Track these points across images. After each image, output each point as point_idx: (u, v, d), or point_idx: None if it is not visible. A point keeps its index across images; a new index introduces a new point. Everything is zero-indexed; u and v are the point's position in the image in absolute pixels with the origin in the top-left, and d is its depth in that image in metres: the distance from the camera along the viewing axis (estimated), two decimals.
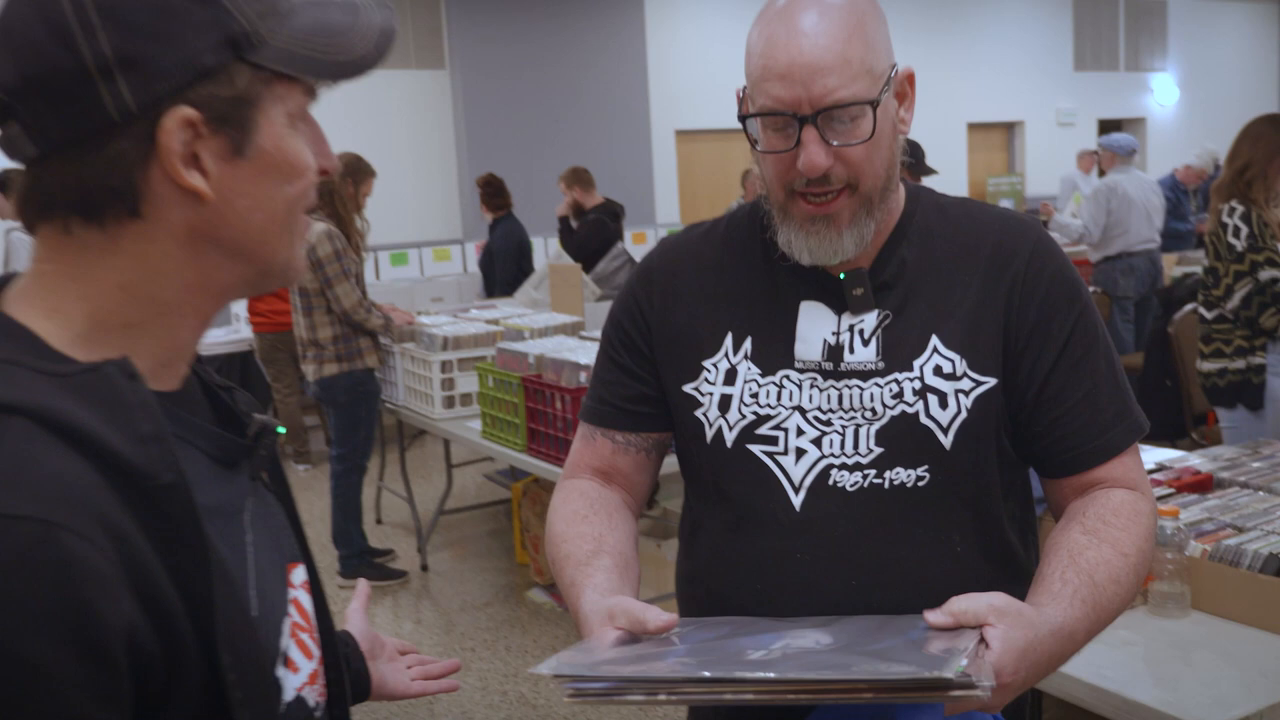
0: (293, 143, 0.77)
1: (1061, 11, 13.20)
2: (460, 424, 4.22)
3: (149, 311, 0.75)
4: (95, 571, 0.63)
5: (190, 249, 0.75)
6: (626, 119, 9.64)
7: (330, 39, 0.78)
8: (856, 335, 1.19)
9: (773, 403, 1.19)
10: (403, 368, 4.60)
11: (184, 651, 0.68)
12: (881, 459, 1.15)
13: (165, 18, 0.70)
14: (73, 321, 0.73)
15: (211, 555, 0.70)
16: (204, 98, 0.72)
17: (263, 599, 0.79)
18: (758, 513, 1.18)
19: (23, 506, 0.62)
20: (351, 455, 4.54)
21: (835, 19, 1.09)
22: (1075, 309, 1.19)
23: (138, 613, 0.65)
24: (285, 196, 0.78)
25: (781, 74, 1.09)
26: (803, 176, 1.12)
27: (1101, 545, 1.11)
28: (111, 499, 0.66)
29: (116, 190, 0.71)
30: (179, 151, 0.71)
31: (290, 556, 0.88)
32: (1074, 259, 5.60)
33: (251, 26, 0.74)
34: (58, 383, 0.68)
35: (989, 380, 1.17)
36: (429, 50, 9.23)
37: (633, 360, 1.30)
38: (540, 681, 3.60)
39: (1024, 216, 1.28)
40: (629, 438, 1.31)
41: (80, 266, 0.73)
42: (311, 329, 4.41)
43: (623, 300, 1.32)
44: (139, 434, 0.68)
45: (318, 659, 0.87)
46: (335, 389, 4.43)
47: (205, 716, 0.70)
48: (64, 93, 0.69)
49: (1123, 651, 1.83)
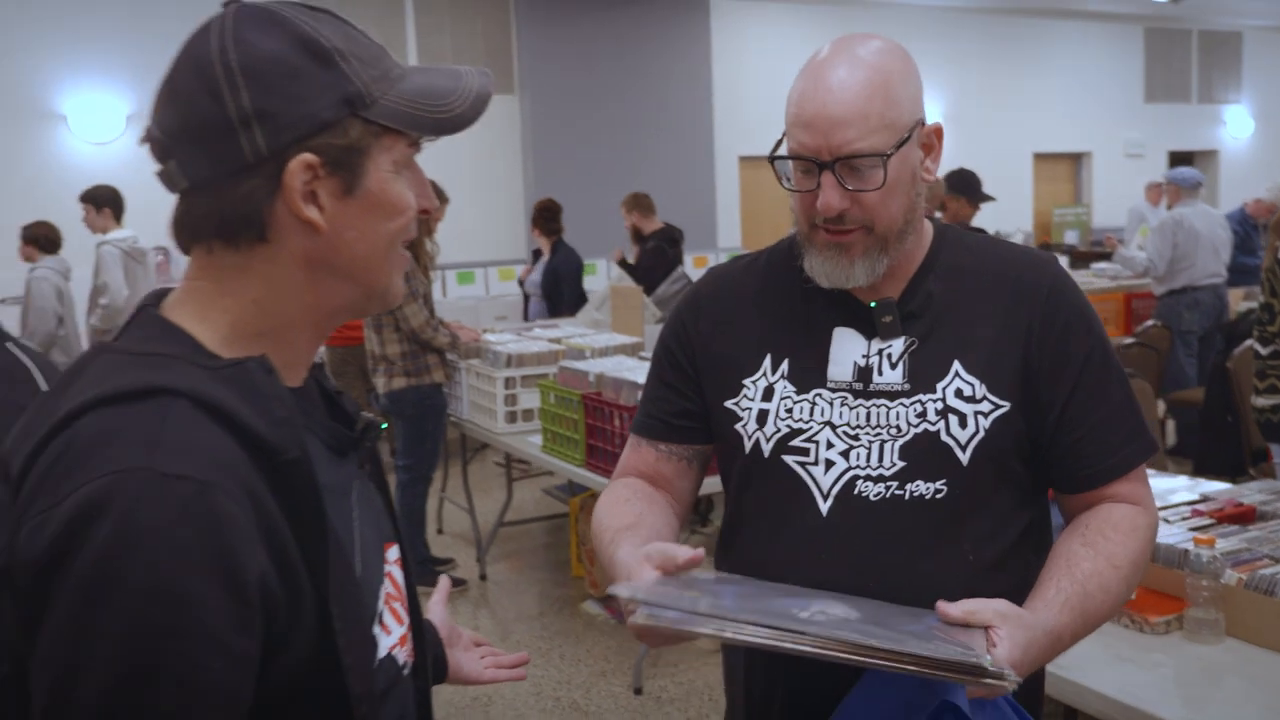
0: (396, 186, 0.91)
1: (1133, 43, 13.11)
2: (522, 438, 4.36)
3: (276, 324, 0.90)
4: (238, 524, 0.77)
5: (308, 272, 0.90)
6: (691, 145, 9.78)
7: (433, 100, 0.92)
8: (885, 359, 1.30)
9: (805, 418, 1.30)
10: (468, 383, 4.76)
11: (302, 600, 0.82)
12: (903, 472, 1.26)
13: (294, 80, 0.85)
14: (218, 328, 0.89)
15: (328, 522, 0.84)
16: (322, 146, 0.86)
17: (365, 566, 0.93)
18: (788, 517, 1.30)
19: (185, 469, 0.76)
20: (418, 466, 4.71)
21: (862, 77, 1.21)
22: (1091, 340, 1.30)
23: (268, 562, 0.79)
24: (387, 231, 0.92)
25: (807, 123, 1.22)
26: (821, 214, 1.24)
27: (1097, 557, 1.23)
28: (250, 468, 0.80)
29: (248, 219, 0.86)
30: (299, 189, 0.86)
31: (386, 537, 1.02)
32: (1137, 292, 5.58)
33: (365, 89, 0.88)
34: (210, 374, 0.83)
35: (1005, 404, 1.27)
36: (499, 76, 9.46)
37: (678, 379, 1.42)
38: (592, 689, 3.71)
39: (1043, 254, 1.39)
40: (672, 448, 1.44)
41: (223, 284, 0.89)
42: (381, 345, 4.59)
43: (671, 325, 1.45)
44: (273, 417, 0.83)
45: (406, 626, 1.01)
46: (403, 402, 4.61)
47: (316, 660, 0.83)
48: (211, 138, 0.85)
49: (1154, 673, 1.89)
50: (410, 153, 0.93)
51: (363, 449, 0.99)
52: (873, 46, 1.25)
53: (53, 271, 5.71)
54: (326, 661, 0.84)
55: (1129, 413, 1.31)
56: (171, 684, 0.74)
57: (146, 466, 0.75)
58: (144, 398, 0.79)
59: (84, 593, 0.73)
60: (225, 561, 0.76)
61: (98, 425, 0.78)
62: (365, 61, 0.89)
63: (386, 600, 0.97)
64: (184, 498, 0.75)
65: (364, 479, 1.00)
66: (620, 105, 9.43)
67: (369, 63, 0.90)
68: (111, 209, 5.86)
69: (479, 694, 3.72)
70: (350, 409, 1.01)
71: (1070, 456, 1.29)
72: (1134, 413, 1.32)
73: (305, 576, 0.82)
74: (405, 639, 1.00)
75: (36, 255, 5.75)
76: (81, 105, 7.87)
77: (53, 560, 0.74)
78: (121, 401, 0.79)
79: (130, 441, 0.77)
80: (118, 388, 0.80)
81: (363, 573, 0.92)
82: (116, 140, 7.93)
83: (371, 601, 0.93)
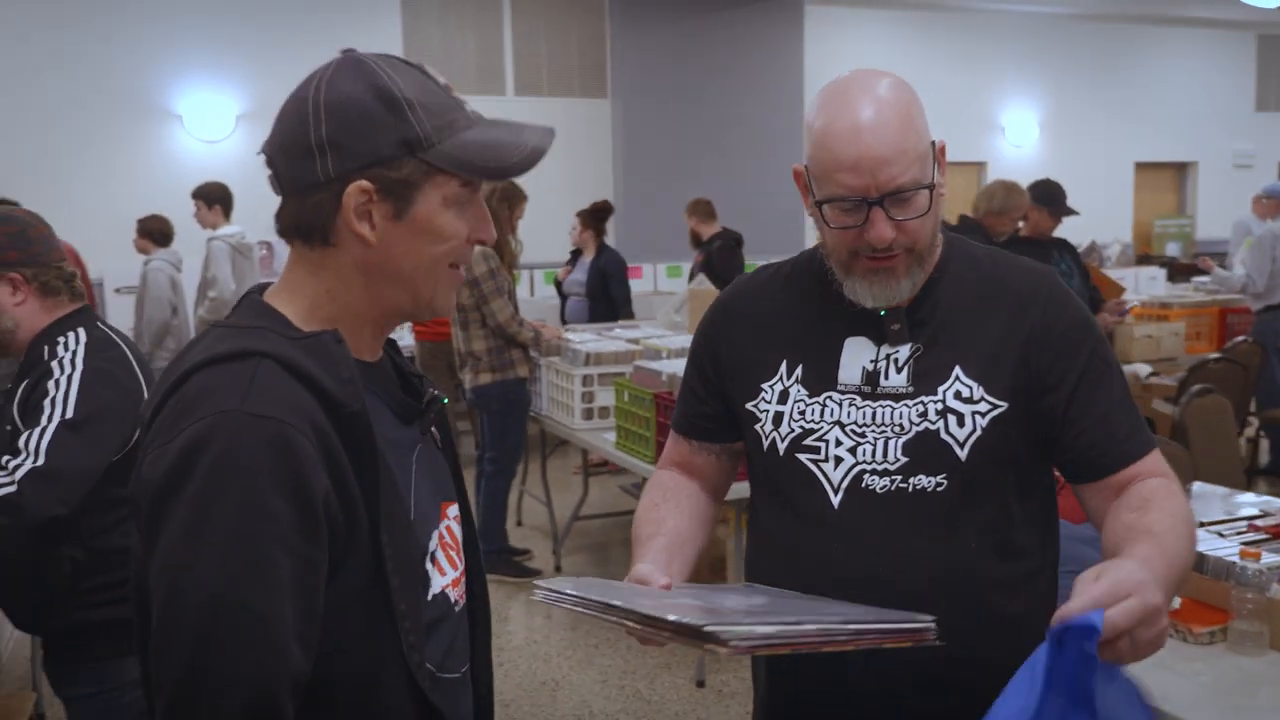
0: (444, 217, 1.08)
1: (1244, 49, 12.70)
2: (597, 435, 4.49)
3: (342, 312, 1.09)
4: (307, 454, 0.96)
5: (365, 276, 1.08)
6: (780, 148, 9.81)
7: (490, 151, 1.08)
8: (891, 363, 1.39)
9: (817, 419, 1.40)
10: (548, 380, 4.92)
11: (358, 524, 1.01)
12: (906, 467, 1.35)
13: (365, 121, 1.03)
14: (300, 309, 1.08)
15: (380, 462, 1.02)
16: (378, 176, 1.04)
17: (419, 509, 1.11)
18: (803, 509, 1.40)
19: (269, 411, 0.96)
20: (502, 459, 4.88)
21: (889, 113, 1.29)
22: (1088, 344, 1.38)
23: (330, 488, 0.98)
24: (431, 253, 1.09)
25: (851, 166, 1.29)
26: (869, 245, 1.32)
27: (1148, 513, 1.27)
28: (320, 415, 0.99)
29: (316, 226, 1.06)
30: (354, 208, 1.05)
31: (446, 495, 1.21)
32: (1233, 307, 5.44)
33: (425, 134, 1.05)
34: (292, 343, 1.03)
35: (1003, 405, 1.35)
36: (593, 80, 9.65)
37: (701, 385, 1.55)
38: (655, 679, 3.82)
39: (1041, 266, 1.46)
40: (700, 444, 1.57)
41: (306, 273, 1.09)
42: (467, 341, 4.77)
43: (700, 331, 1.57)
44: (340, 377, 1.02)
45: (460, 571, 1.20)
46: (489, 397, 4.79)
47: (372, 581, 1.02)
48: (296, 157, 1.05)
49: (1193, 681, 1.92)
50: (465, 192, 1.09)
51: (425, 419, 1.18)
52: (886, 83, 1.33)
53: (166, 263, 6.03)
54: (380, 581, 1.02)
55: (1128, 411, 1.38)
56: (257, 572, 0.93)
57: (240, 409, 0.95)
58: (240, 359, 1.00)
59: (194, 508, 0.93)
60: (297, 482, 0.95)
61: (204, 381, 0.99)
62: (432, 112, 1.06)
63: (442, 547, 1.15)
64: (267, 433, 0.95)
65: (429, 444, 1.19)
66: (711, 110, 9.51)
67: (436, 114, 1.06)
68: (221, 206, 6.16)
69: (548, 679, 3.86)
70: (419, 387, 1.20)
71: (1083, 446, 1.36)
72: (1133, 412, 1.39)
73: (362, 506, 1.01)
74: (457, 582, 1.19)
75: (151, 248, 6.08)
76: (195, 105, 8.30)
77: (169, 484, 0.94)
78: (222, 362, 1.00)
79: (228, 392, 0.97)
80: (220, 352, 1.00)
81: (416, 515, 1.10)
82: (227, 139, 8.34)
83: (423, 541, 1.11)
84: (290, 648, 0.95)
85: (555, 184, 9.38)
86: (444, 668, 1.14)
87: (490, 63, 9.35)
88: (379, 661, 1.04)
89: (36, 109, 7.81)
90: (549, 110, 9.42)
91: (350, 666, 1.03)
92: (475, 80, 9.23)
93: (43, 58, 7.81)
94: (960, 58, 11.03)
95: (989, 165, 11.36)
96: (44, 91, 7.84)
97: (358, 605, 1.02)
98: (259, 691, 0.93)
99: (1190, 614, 2.11)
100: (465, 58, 9.21)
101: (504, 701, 3.69)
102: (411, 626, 1.05)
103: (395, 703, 1.05)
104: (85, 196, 7.72)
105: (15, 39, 7.76)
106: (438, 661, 1.12)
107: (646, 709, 3.62)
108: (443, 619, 1.14)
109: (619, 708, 3.63)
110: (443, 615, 1.14)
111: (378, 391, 1.12)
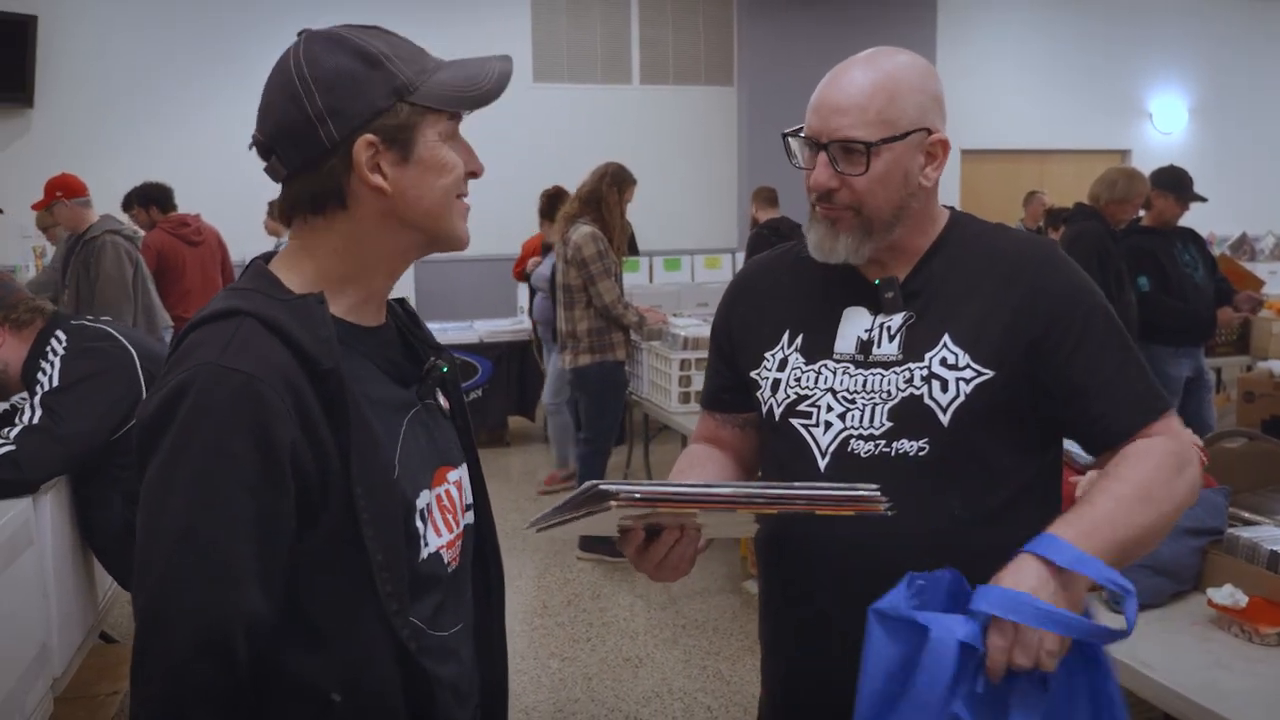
0: (442, 151, 1.15)
1: None
2: (692, 418, 4.52)
3: (354, 268, 1.17)
4: (273, 405, 1.03)
5: (381, 225, 1.15)
6: None
7: (464, 82, 1.15)
8: (884, 333, 1.42)
9: (811, 385, 1.44)
10: (648, 363, 4.98)
11: (332, 475, 1.07)
12: (890, 431, 1.37)
13: (354, 82, 1.10)
14: (305, 273, 1.16)
15: (353, 416, 1.08)
16: (380, 127, 1.11)
17: (404, 468, 1.16)
18: (795, 473, 1.42)
19: (241, 365, 1.04)
20: (597, 439, 4.98)
21: (872, 77, 1.35)
22: (1081, 311, 1.36)
23: (300, 438, 1.05)
24: (442, 186, 1.16)
25: (814, 108, 1.39)
26: (813, 190, 1.39)
27: (1107, 477, 1.29)
28: (297, 371, 1.06)
29: (332, 191, 1.13)
30: (366, 163, 1.11)
31: (448, 460, 1.26)
32: None
33: (409, 80, 1.12)
34: (278, 304, 1.10)
35: (989, 372, 1.35)
36: (719, 68, 9.66)
37: (719, 359, 1.61)
38: (738, 661, 3.84)
39: (1041, 238, 1.46)
40: (724, 416, 1.61)
41: (311, 242, 1.16)
42: (571, 322, 4.88)
43: (719, 309, 1.64)
44: (318, 336, 1.08)
45: (457, 534, 1.25)
46: (588, 377, 4.89)
47: (348, 531, 1.07)
48: (299, 134, 1.11)
49: (1244, 682, 1.84)
50: (453, 125, 1.16)
51: (424, 385, 1.24)
52: (898, 59, 1.39)
53: None
54: (356, 532, 1.08)
55: (1130, 378, 1.35)
56: (217, 509, 1.01)
57: (215, 362, 1.04)
58: (226, 317, 1.09)
59: (169, 451, 1.02)
60: (261, 430, 1.02)
61: (196, 336, 1.09)
62: (406, 60, 1.13)
63: (440, 508, 1.21)
64: (236, 384, 1.03)
65: (431, 410, 1.25)
66: None
67: (410, 61, 1.13)
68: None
69: (632, 655, 3.93)
70: (424, 356, 1.27)
71: (1085, 419, 1.35)
72: (1136, 377, 1.36)
73: (336, 458, 1.07)
74: (453, 544, 1.24)
75: (281, 230, 6.42)
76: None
77: (154, 426, 1.04)
78: (211, 320, 1.09)
79: (210, 346, 1.06)
80: (211, 311, 1.10)
81: (401, 473, 1.15)
82: None
83: (409, 498, 1.16)
84: (249, 587, 1.01)
85: (681, 172, 9.46)
86: (434, 624, 1.19)
87: (617, 52, 9.46)
88: (356, 611, 1.09)
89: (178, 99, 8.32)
90: (674, 99, 9.49)
91: (329, 615, 1.08)
92: (602, 70, 9.37)
93: (184, 50, 8.30)
94: (1103, 39, 10.57)
95: (1133, 153, 10.87)
96: (188, 81, 8.33)
97: (335, 555, 1.08)
98: (212, 624, 0.99)
99: (1258, 613, 2.01)
100: (593, 47, 9.35)
101: (586, 675, 3.78)
102: (390, 578, 1.09)
103: (375, 652, 1.10)
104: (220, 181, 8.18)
105: (161, 25, 8.27)
106: (426, 617, 1.17)
107: (725, 689, 3.65)
108: (435, 578, 1.19)
109: (698, 687, 3.67)
110: (435, 574, 1.19)
111: (369, 353, 1.18)
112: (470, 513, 1.31)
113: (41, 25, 7.76)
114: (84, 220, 5.35)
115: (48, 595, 2.41)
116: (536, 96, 9.02)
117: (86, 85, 8.03)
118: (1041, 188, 9.37)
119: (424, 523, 1.17)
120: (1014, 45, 10.21)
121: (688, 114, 9.59)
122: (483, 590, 1.35)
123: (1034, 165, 10.66)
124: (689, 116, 9.60)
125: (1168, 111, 11.02)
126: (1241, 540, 2.17)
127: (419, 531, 1.16)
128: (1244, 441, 3.00)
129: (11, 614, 2.19)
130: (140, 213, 6.20)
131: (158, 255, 5.89)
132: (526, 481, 6.33)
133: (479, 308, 8.54)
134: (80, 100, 8.02)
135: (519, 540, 5.09)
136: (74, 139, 7.94)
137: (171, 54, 8.24)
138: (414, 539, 1.15)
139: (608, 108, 9.35)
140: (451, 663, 1.23)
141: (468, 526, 1.29)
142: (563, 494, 1.43)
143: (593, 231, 4.78)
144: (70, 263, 5.27)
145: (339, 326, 1.13)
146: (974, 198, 10.33)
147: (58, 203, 5.36)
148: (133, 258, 5.26)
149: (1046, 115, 10.47)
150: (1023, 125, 10.44)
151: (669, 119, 9.50)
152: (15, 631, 2.21)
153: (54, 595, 2.43)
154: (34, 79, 7.80)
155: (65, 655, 2.49)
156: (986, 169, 10.41)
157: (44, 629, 2.39)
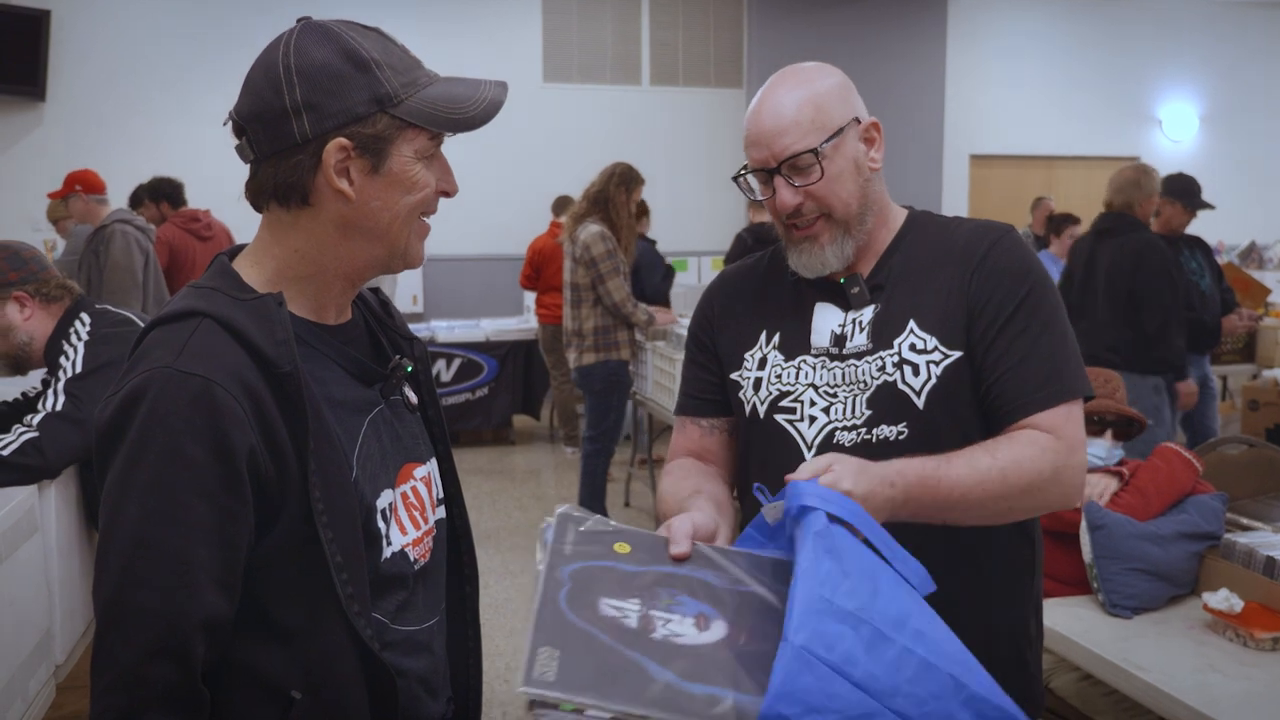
0: (414, 169, 1.13)
1: None
2: None
3: (313, 270, 1.15)
4: (230, 410, 1.03)
5: (342, 232, 1.13)
6: (919, 142, 9.62)
7: (451, 104, 1.13)
8: (856, 325, 1.47)
9: (792, 381, 1.47)
10: (652, 363, 4.99)
11: (290, 477, 1.06)
12: (870, 419, 1.41)
13: (337, 81, 1.08)
14: (266, 270, 1.14)
15: (310, 418, 1.06)
16: (354, 133, 1.09)
17: (363, 469, 1.14)
18: (780, 468, 1.40)
19: (197, 369, 1.03)
20: (601, 438, 4.99)
21: (793, 95, 1.43)
22: (1021, 289, 1.40)
23: (259, 442, 1.03)
24: (406, 204, 1.14)
25: (754, 141, 1.45)
26: (781, 213, 1.45)
27: (976, 449, 1.32)
28: (254, 374, 1.05)
29: (296, 186, 1.11)
30: (334, 166, 1.10)
31: (413, 457, 1.24)
32: None
33: (394, 91, 1.10)
34: (237, 304, 1.08)
35: (956, 353, 1.41)
36: (728, 70, 9.67)
37: (704, 358, 1.60)
38: None
39: (997, 224, 1.50)
40: (711, 422, 1.59)
41: (275, 236, 1.14)
42: (578, 320, 4.89)
43: (696, 314, 1.65)
44: (276, 339, 1.07)
45: (425, 530, 1.23)
46: (592, 377, 4.90)
47: (306, 532, 1.06)
48: (271, 122, 1.09)
49: (1237, 686, 1.85)
50: (432, 145, 1.14)
51: (388, 384, 1.22)
52: (804, 71, 1.48)
53: None
54: (314, 533, 1.06)
55: (1056, 357, 1.38)
56: (173, 515, 1.00)
57: (171, 366, 1.02)
58: (183, 318, 1.07)
59: (126, 456, 1.01)
60: (217, 435, 1.01)
61: (154, 337, 1.07)
62: (397, 70, 1.11)
63: (406, 507, 1.19)
64: (192, 389, 1.02)
65: (396, 408, 1.23)
66: None
67: (400, 71, 1.11)
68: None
69: None
70: (395, 353, 1.25)
71: (991, 394, 1.40)
72: (1062, 359, 1.39)
73: (294, 461, 1.06)
74: (420, 541, 1.22)
75: None
76: None
77: (112, 430, 1.03)
78: (169, 321, 1.08)
79: (166, 349, 1.04)
80: (171, 311, 1.08)
81: (360, 474, 1.13)
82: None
83: (368, 498, 1.14)
84: (205, 589, 1.01)
85: (689, 173, 9.47)
86: (400, 619, 1.18)
87: (627, 53, 9.48)
88: (318, 610, 1.08)
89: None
90: (683, 100, 9.50)
91: (290, 613, 1.08)
92: (611, 71, 9.38)
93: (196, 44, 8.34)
94: (1113, 45, 10.55)
95: (1142, 161, 10.84)
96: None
97: (295, 555, 1.07)
98: (168, 626, 0.99)
99: (1253, 618, 2.02)
100: (603, 48, 9.37)
101: None
102: (351, 578, 1.08)
103: (337, 650, 1.09)
104: (231, 176, 8.20)
105: (174, 20, 8.30)
106: (390, 613, 1.16)
107: None
108: (400, 576, 1.18)
109: None
110: (400, 573, 1.18)
111: (330, 353, 1.16)
112: (442, 507, 1.30)
113: (54, 19, 7.81)
114: (97, 216, 5.38)
115: (51, 583, 2.43)
116: (547, 97, 9.04)
117: (98, 79, 8.08)
118: (1049, 194, 9.36)
119: (386, 522, 1.16)
120: (1023, 51, 10.20)
121: (697, 115, 9.60)
122: (456, 583, 1.35)
123: (1042, 171, 10.65)
124: (698, 118, 9.61)
125: (1178, 119, 10.99)
126: (1238, 546, 2.18)
127: (380, 531, 1.15)
128: (1245, 449, 3.01)
129: (14, 601, 2.21)
130: (150, 208, 6.22)
131: (169, 250, 5.91)
132: (531, 480, 6.34)
133: (486, 306, 8.56)
134: (92, 94, 8.07)
135: (519, 538, 5.10)
136: (86, 133, 7.98)
137: (183, 49, 8.28)
138: (375, 539, 1.14)
139: (617, 108, 9.36)
140: (422, 656, 1.22)
141: (439, 521, 1.28)
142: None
143: (601, 230, 4.80)
144: (83, 255, 5.31)
145: (300, 325, 1.12)
146: (982, 203, 10.32)
147: (74, 195, 5.40)
148: (143, 247, 5.28)
149: (1056, 121, 10.45)
150: (1032, 131, 10.42)
151: (678, 120, 9.51)
152: (18, 619, 2.22)
153: (57, 583, 2.45)
154: (46, 73, 7.84)
155: (68, 643, 2.51)
156: (995, 174, 10.40)
157: (47, 616, 2.41)
